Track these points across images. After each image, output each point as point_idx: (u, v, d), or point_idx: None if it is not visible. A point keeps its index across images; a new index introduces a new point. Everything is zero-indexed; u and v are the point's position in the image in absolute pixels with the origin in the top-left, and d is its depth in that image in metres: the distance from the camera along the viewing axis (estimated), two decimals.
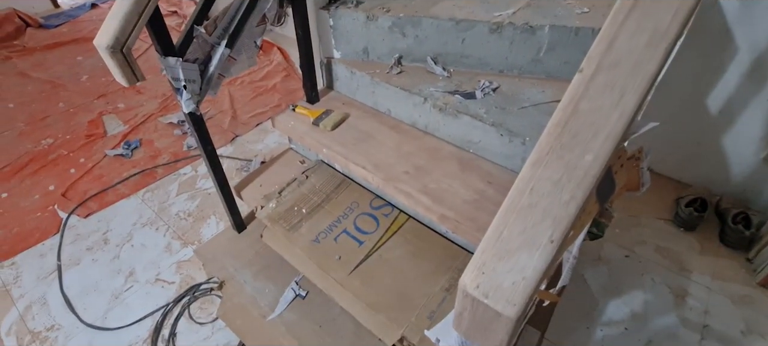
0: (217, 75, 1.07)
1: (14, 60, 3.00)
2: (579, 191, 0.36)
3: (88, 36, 3.30)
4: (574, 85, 0.38)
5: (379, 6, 1.20)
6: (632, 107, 0.35)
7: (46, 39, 3.26)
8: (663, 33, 0.35)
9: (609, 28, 0.38)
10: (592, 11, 1.09)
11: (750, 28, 1.16)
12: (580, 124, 0.36)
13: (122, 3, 0.84)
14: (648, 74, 0.35)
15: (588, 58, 0.38)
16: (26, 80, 2.77)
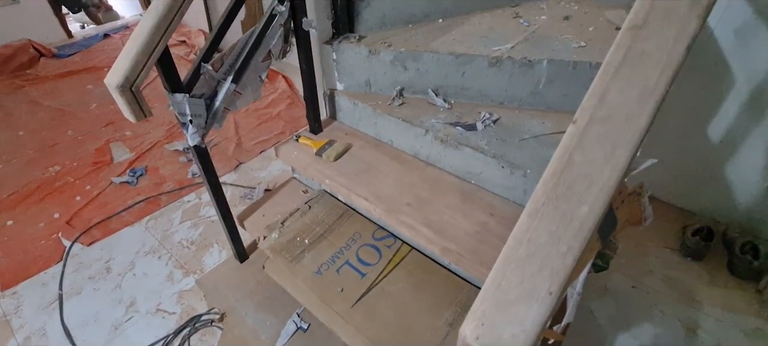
0: (223, 109, 1.09)
1: (27, 89, 3.09)
2: (576, 242, 0.36)
3: (99, 65, 3.40)
4: (568, 136, 0.39)
5: (381, 40, 1.24)
6: (625, 161, 0.36)
7: (58, 68, 3.36)
8: (652, 89, 0.36)
9: (600, 81, 0.39)
10: (589, 46, 1.12)
11: (746, 60, 1.17)
12: (574, 176, 0.37)
13: (134, 43, 0.87)
14: (639, 128, 0.36)
15: (581, 109, 0.39)
16: (37, 108, 2.83)
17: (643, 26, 0.39)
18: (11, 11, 3.59)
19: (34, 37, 3.62)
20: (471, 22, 1.29)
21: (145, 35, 0.86)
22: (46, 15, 3.77)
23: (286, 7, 1.08)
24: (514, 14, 1.32)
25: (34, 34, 3.65)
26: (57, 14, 3.83)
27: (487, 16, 1.32)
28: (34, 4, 3.67)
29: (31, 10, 3.67)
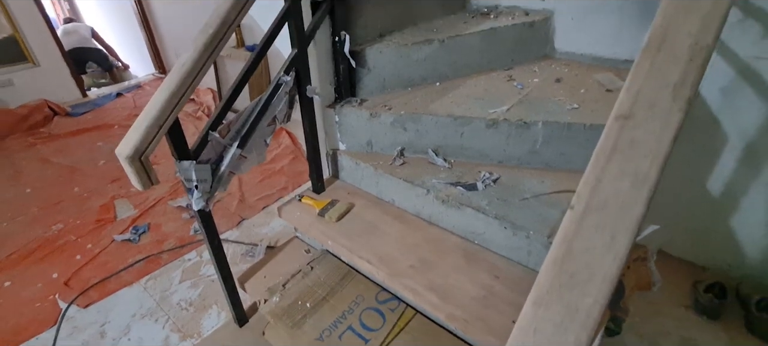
0: (228, 173, 1.12)
1: (38, 146, 3.18)
2: (583, 333, 0.35)
3: (110, 122, 3.52)
4: (567, 223, 0.39)
5: (381, 104, 1.29)
6: (625, 250, 0.36)
7: (70, 126, 3.48)
8: (644, 177, 0.38)
9: (593, 168, 0.41)
10: (582, 107, 1.16)
11: (736, 117, 1.21)
12: (576, 265, 0.37)
13: (146, 116, 0.92)
14: (636, 217, 0.37)
15: (578, 196, 0.40)
16: (47, 166, 2.90)
17: (630, 117, 0.41)
18: (32, 73, 3.79)
19: (51, 97, 3.79)
20: (467, 85, 1.35)
21: (157, 109, 0.90)
22: (63, 76, 3.97)
23: (291, 77, 1.14)
24: (508, 77, 1.38)
25: (51, 94, 3.82)
26: (74, 75, 4.04)
27: (483, 80, 1.38)
28: (54, 67, 3.88)
29: (50, 72, 3.87)
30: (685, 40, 0.42)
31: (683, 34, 0.42)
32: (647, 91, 0.42)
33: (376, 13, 1.35)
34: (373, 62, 1.30)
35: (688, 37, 0.42)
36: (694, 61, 0.41)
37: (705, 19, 0.42)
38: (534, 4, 1.51)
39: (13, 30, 3.63)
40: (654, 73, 0.42)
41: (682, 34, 0.42)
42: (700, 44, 0.41)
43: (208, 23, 0.95)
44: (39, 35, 3.73)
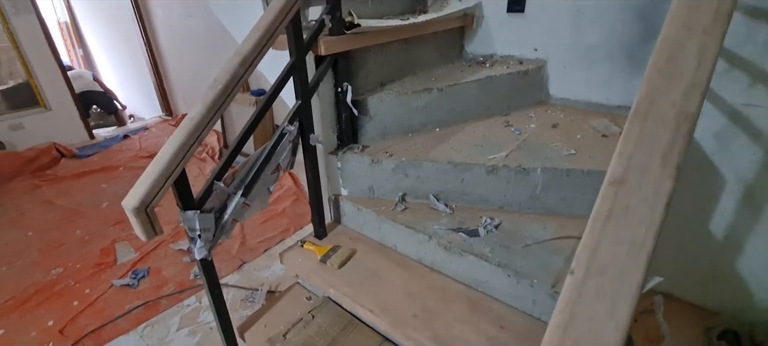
0: (232, 221, 1.13)
1: (43, 189, 3.21)
2: None
3: (115, 164, 3.57)
4: (568, 288, 0.40)
5: (383, 150, 1.32)
6: (626, 318, 0.36)
7: (76, 168, 3.53)
8: (641, 244, 0.39)
9: (591, 233, 0.42)
10: (579, 153, 1.18)
11: (731, 161, 1.23)
12: (579, 332, 0.37)
13: (154, 168, 0.94)
14: (635, 283, 0.38)
15: (577, 260, 0.41)
16: (50, 208, 2.91)
17: (623, 182, 0.43)
18: (43, 117, 3.91)
19: (59, 139, 3.87)
20: (466, 131, 1.39)
21: (164, 161, 0.93)
22: (73, 119, 4.09)
23: (295, 126, 1.18)
24: (506, 123, 1.42)
25: (60, 136, 3.91)
26: (82, 118, 4.15)
27: (481, 126, 1.42)
28: (64, 110, 4.00)
29: (60, 116, 3.99)
30: (669, 110, 0.44)
31: (668, 104, 0.45)
32: (638, 158, 0.44)
33: (377, 63, 1.41)
34: (374, 110, 1.35)
35: (673, 106, 0.44)
36: (680, 129, 0.43)
37: (687, 90, 0.44)
38: (527, 53, 1.58)
39: (28, 76, 3.78)
40: (643, 139, 0.44)
41: (666, 104, 0.45)
42: (684, 113, 0.43)
43: (217, 79, 1.00)
44: (52, 81, 3.88)
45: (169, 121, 4.59)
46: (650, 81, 0.47)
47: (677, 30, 0.48)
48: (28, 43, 3.68)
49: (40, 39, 3.74)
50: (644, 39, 1.30)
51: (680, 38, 0.48)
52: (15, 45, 3.65)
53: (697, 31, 0.47)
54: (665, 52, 0.47)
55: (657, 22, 1.27)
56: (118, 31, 4.74)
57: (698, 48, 0.46)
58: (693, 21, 0.48)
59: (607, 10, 1.34)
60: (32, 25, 3.67)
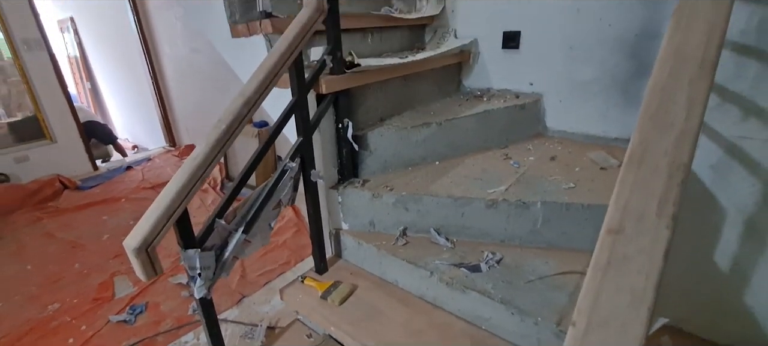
0: (232, 258, 1.12)
1: (44, 221, 3.21)
2: None
3: (117, 196, 3.58)
4: (570, 341, 0.39)
5: (383, 184, 1.33)
6: None
7: (78, 200, 3.54)
8: (641, 295, 0.39)
9: (591, 282, 0.42)
10: (578, 186, 1.19)
11: (730, 193, 1.23)
12: None
13: (156, 208, 0.95)
14: (637, 337, 0.37)
15: (578, 311, 0.41)
16: (50, 241, 2.90)
17: (620, 231, 0.43)
18: (48, 150, 3.96)
19: (63, 171, 3.91)
20: (465, 164, 1.40)
21: (167, 200, 0.94)
22: (78, 151, 4.14)
23: (297, 163, 1.19)
24: (504, 156, 1.44)
25: (64, 168, 3.95)
26: (87, 150, 4.20)
27: (480, 159, 1.44)
28: (70, 143, 4.06)
29: (65, 148, 4.04)
30: (662, 158, 0.46)
31: (660, 152, 0.46)
32: (634, 206, 0.44)
33: (376, 99, 1.44)
34: (374, 145, 1.37)
35: (665, 155, 0.46)
36: (674, 179, 0.44)
37: (678, 139, 0.46)
38: (523, 87, 1.62)
39: (36, 110, 3.87)
40: (638, 187, 0.45)
41: (659, 152, 0.46)
42: (676, 163, 0.45)
43: (221, 119, 1.02)
44: (59, 114, 3.95)
45: (172, 152, 4.64)
46: (642, 129, 0.48)
47: (665, 78, 0.50)
48: (38, 77, 3.78)
49: (50, 74, 3.85)
50: (636, 75, 1.34)
51: (669, 87, 0.49)
52: (25, 80, 3.75)
53: (684, 81, 0.49)
54: (655, 100, 0.49)
55: (647, 59, 1.31)
56: (126, 66, 4.88)
57: (686, 98, 0.47)
58: (680, 71, 0.50)
59: (598, 47, 1.38)
60: (43, 61, 3.78)
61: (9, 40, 3.61)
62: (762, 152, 1.16)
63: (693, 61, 0.49)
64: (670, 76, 0.50)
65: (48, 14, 5.54)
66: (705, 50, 0.49)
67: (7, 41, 3.63)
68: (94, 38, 5.36)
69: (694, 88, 0.48)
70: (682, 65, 0.49)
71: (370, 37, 1.60)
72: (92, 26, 5.23)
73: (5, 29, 3.57)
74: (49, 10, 5.57)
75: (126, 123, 5.71)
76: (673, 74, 0.49)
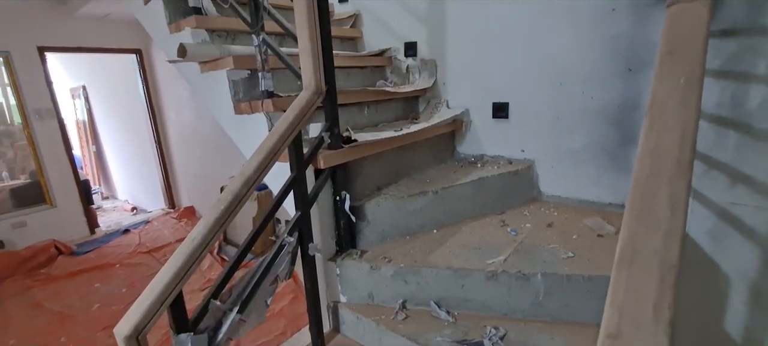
0: (226, 339, 1.08)
1: (34, 290, 3.12)
2: None
3: (111, 262, 3.52)
4: None
5: (381, 255, 1.32)
6: None
7: (72, 266, 3.47)
8: None
9: None
10: (577, 255, 1.18)
11: (730, 259, 1.23)
12: None
13: (149, 293, 0.93)
14: None
15: None
16: (38, 312, 2.80)
17: (618, 336, 0.43)
18: (47, 214, 3.96)
19: (60, 235, 3.88)
20: (463, 233, 1.40)
21: (162, 285, 0.93)
22: (77, 215, 4.13)
23: (295, 237, 1.19)
24: (501, 223, 1.44)
25: (61, 232, 3.92)
26: (86, 213, 4.20)
27: (477, 226, 1.44)
28: (69, 207, 4.07)
29: (65, 212, 4.04)
30: (652, 257, 0.46)
31: (649, 251, 0.47)
32: (629, 308, 0.44)
33: (373, 169, 1.48)
34: (372, 215, 1.38)
35: (655, 254, 0.47)
36: (666, 281, 0.44)
37: (665, 238, 0.47)
38: (515, 154, 1.67)
39: (39, 175, 3.92)
40: (631, 288, 0.46)
41: (648, 251, 0.47)
42: (667, 263, 0.45)
43: (220, 199, 1.04)
44: (62, 179, 4.01)
45: (170, 214, 4.64)
46: (629, 228, 0.50)
47: (646, 176, 0.53)
48: (44, 144, 3.88)
49: (57, 140, 3.95)
50: (622, 143, 1.39)
51: (650, 185, 0.52)
52: (32, 145, 3.85)
53: (664, 179, 0.51)
54: (638, 199, 0.51)
55: (631, 128, 1.37)
56: (131, 130, 5.04)
57: (668, 196, 0.49)
58: (659, 169, 0.52)
59: (584, 117, 1.45)
60: (52, 128, 3.91)
61: (22, 109, 3.76)
62: (755, 219, 1.17)
63: (670, 159, 0.52)
64: (650, 174, 0.52)
65: (62, 82, 5.82)
66: (680, 149, 0.52)
67: (19, 110, 3.78)
68: (103, 104, 5.59)
69: (675, 187, 0.50)
70: (661, 163, 0.52)
71: (366, 109, 1.68)
72: (103, 93, 5.48)
73: (19, 100, 3.74)
74: (63, 78, 5.86)
75: (127, 185, 5.76)
76: (653, 172, 0.52)
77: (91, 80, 5.56)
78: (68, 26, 3.89)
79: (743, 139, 1.16)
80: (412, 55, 1.90)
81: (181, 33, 1.55)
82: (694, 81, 0.57)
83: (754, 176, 1.16)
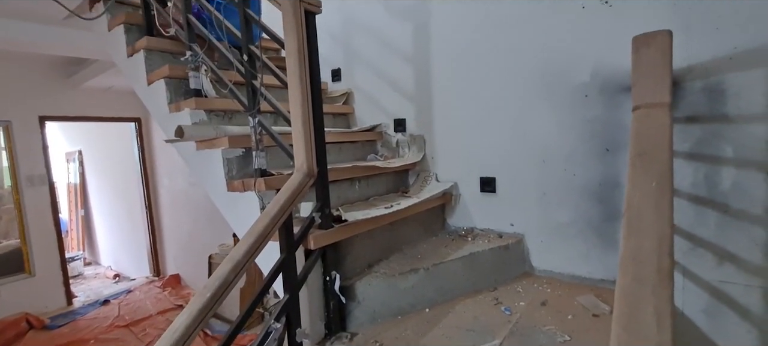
0: None
1: None
2: None
3: (86, 337, 3.30)
4: None
5: (372, 339, 1.26)
6: None
7: (43, 342, 3.24)
8: None
9: None
10: (574, 338, 1.15)
11: (728, 338, 1.20)
12: None
13: None
14: None
15: None
16: None
17: None
18: (24, 284, 3.77)
19: (36, 306, 3.66)
20: (456, 312, 1.37)
21: None
22: (55, 285, 3.94)
23: (282, 322, 1.15)
24: (494, 300, 1.42)
25: (37, 303, 3.71)
26: (65, 283, 4.01)
27: (470, 304, 1.41)
28: (49, 276, 3.90)
29: (43, 281, 3.86)
30: None
31: None
32: None
33: (364, 246, 1.47)
34: (362, 295, 1.35)
35: None
36: None
37: None
38: (505, 227, 1.69)
39: (22, 243, 3.80)
40: None
41: None
42: None
43: (207, 285, 1.02)
44: (46, 248, 3.88)
45: (154, 283, 4.45)
46: (620, 341, 0.50)
47: (630, 283, 0.54)
48: (32, 210, 3.81)
49: (46, 207, 3.90)
50: (607, 219, 1.42)
51: (635, 293, 0.53)
52: (19, 211, 3.77)
53: (647, 289, 0.52)
54: (625, 309, 0.52)
55: (613, 205, 1.41)
56: (122, 195, 5.01)
57: (653, 308, 0.50)
58: (642, 277, 0.54)
59: (568, 193, 1.50)
60: (42, 195, 3.87)
61: (14, 174, 3.74)
62: (747, 297, 1.17)
63: (650, 267, 0.54)
64: (634, 280, 0.54)
65: (58, 146, 5.88)
66: (659, 257, 0.54)
67: (11, 175, 3.76)
68: (97, 168, 5.61)
69: (659, 298, 0.51)
70: (643, 271, 0.53)
71: (357, 184, 1.72)
72: (98, 157, 5.53)
73: (13, 165, 3.73)
74: (60, 142, 5.93)
75: (111, 250, 5.59)
76: (636, 279, 0.53)
77: (87, 145, 5.64)
78: (70, 96, 4.03)
79: (723, 217, 1.19)
80: (402, 130, 1.99)
81: (180, 113, 1.62)
82: (664, 185, 0.61)
83: (739, 254, 1.18)
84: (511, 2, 1.59)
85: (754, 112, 1.15)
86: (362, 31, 2.11)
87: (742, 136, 1.17)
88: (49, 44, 2.66)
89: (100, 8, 1.93)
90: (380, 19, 2.02)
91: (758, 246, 1.15)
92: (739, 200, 1.17)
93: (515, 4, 1.58)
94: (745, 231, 1.17)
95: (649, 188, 0.62)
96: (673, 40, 1.03)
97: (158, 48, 1.76)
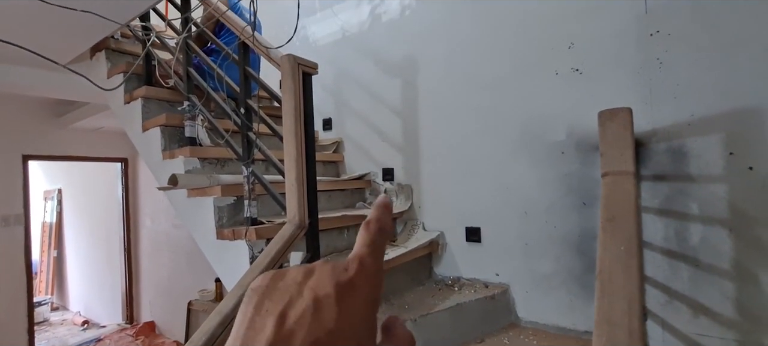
0: None
1: None
2: None
3: None
4: None
5: None
6: None
7: None
8: None
9: None
10: None
11: None
12: None
13: None
14: None
15: None
16: None
17: None
18: None
19: None
20: None
21: None
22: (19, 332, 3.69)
23: None
24: None
25: None
26: (30, 330, 3.75)
27: None
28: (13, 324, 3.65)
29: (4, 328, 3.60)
30: None
31: None
32: None
33: None
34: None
35: None
36: None
37: None
38: (490, 277, 1.72)
39: None
40: None
41: None
42: None
43: (192, 340, 1.00)
44: (13, 290, 3.66)
45: (126, 331, 4.20)
46: None
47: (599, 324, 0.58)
48: (3, 252, 3.63)
49: (19, 249, 3.73)
50: (588, 270, 1.48)
51: None
52: None
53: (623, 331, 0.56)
54: None
55: (594, 257, 1.46)
56: (100, 236, 4.84)
57: None
58: (615, 339, 0.58)
59: (550, 245, 1.55)
60: (17, 235, 3.72)
61: None
62: None
63: (623, 330, 0.58)
64: (605, 321, 0.57)
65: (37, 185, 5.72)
66: (629, 319, 0.58)
67: None
68: (76, 207, 5.45)
69: None
70: (616, 335, 0.57)
71: (346, 232, 1.74)
72: (78, 197, 5.38)
73: None
74: (39, 181, 5.78)
75: (83, 294, 5.29)
76: (610, 341, 0.57)
77: (68, 183, 5.51)
78: (58, 135, 4.00)
79: (695, 271, 1.26)
80: (390, 179, 2.06)
81: (174, 160, 1.65)
82: (632, 249, 0.67)
83: (712, 308, 1.23)
84: (492, 66, 1.73)
85: (714, 173, 1.25)
86: (353, 84, 2.23)
87: (705, 194, 1.26)
88: (46, 88, 2.69)
89: (101, 58, 2.00)
90: (370, 73, 2.15)
91: (729, 300, 1.21)
92: (708, 254, 1.24)
93: (496, 68, 1.71)
94: (716, 285, 1.23)
95: (618, 252, 0.67)
96: (637, 106, 1.14)
97: (156, 97, 1.82)
